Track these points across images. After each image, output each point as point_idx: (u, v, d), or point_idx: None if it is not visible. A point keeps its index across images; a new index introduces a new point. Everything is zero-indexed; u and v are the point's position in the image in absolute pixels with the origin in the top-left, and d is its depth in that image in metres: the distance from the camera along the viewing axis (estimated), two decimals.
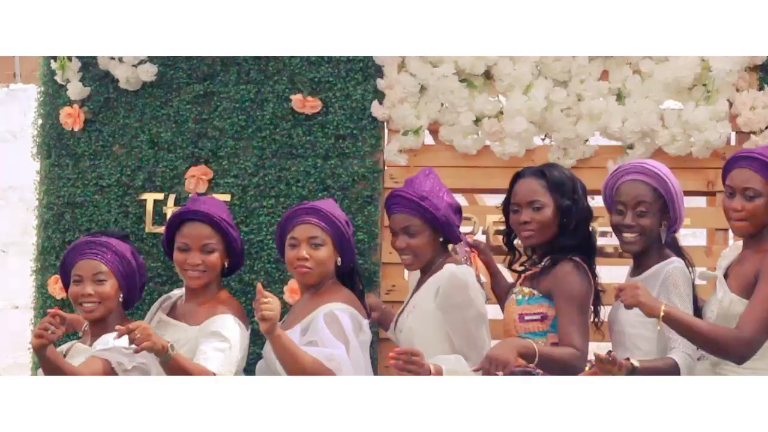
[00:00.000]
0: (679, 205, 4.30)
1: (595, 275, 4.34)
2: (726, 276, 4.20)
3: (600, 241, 4.77)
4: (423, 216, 4.41)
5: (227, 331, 4.29)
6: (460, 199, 5.96)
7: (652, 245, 4.28)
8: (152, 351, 4.04)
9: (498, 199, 6.08)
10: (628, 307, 3.99)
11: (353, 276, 4.51)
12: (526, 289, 4.30)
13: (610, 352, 3.99)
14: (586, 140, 5.15)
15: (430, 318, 4.30)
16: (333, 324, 4.27)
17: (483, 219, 5.16)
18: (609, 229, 4.49)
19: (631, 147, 5.10)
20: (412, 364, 3.99)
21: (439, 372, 4.01)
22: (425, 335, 4.31)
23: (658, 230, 4.27)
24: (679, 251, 4.36)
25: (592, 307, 4.33)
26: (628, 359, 3.92)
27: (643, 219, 4.24)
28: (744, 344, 3.96)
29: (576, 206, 4.32)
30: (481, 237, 5.12)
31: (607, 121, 5.07)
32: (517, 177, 4.42)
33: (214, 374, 4.18)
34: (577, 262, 4.25)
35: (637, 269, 4.32)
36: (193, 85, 5.27)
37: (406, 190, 4.48)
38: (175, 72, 5.29)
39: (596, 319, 4.39)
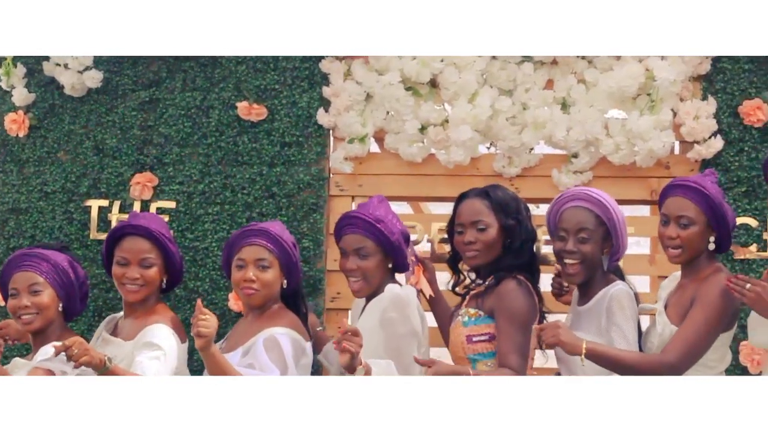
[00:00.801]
0: (622, 233, 4.28)
1: (539, 295, 4.33)
2: (666, 307, 4.22)
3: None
4: (377, 239, 4.39)
5: (160, 340, 4.28)
6: (405, 207, 5.99)
7: (595, 274, 4.27)
8: (90, 366, 4.03)
9: (443, 207, 6.10)
10: (549, 346, 3.99)
11: (297, 299, 4.51)
12: (472, 310, 4.27)
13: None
14: (531, 149, 5.17)
15: (374, 339, 4.26)
16: (273, 349, 4.25)
17: (428, 227, 5.18)
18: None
19: (575, 156, 5.12)
20: (349, 342, 3.97)
21: (368, 372, 4.00)
22: (367, 357, 4.30)
23: (600, 258, 4.26)
24: (623, 279, 4.34)
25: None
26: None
27: (584, 245, 4.23)
28: (669, 368, 3.98)
29: (520, 226, 4.31)
30: (426, 245, 5.14)
31: (551, 130, 5.09)
32: (461, 198, 4.41)
33: None
34: (521, 280, 4.23)
35: (583, 299, 4.31)
36: (139, 92, 5.26)
37: (360, 211, 4.46)
38: (121, 78, 5.28)
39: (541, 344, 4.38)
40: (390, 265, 4.44)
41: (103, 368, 4.04)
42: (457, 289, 4.45)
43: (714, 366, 4.11)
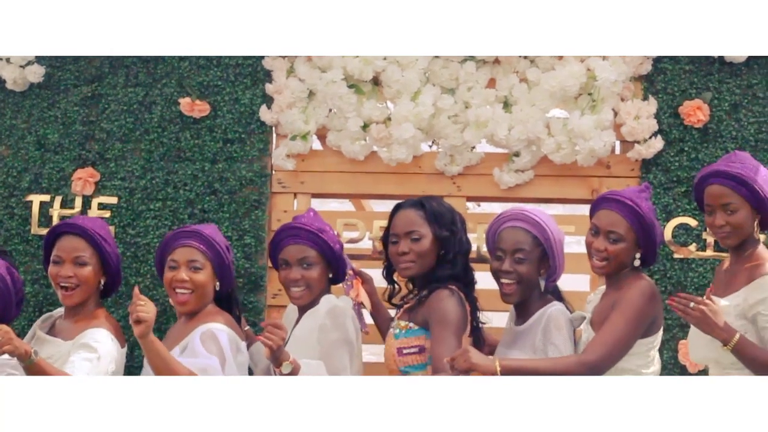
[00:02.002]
0: (559, 253, 4.30)
1: (474, 305, 4.33)
2: (592, 321, 4.25)
3: None
4: (320, 249, 4.41)
5: (96, 343, 4.27)
6: (347, 205, 6.00)
7: (532, 294, 4.29)
8: (14, 355, 4.00)
9: (385, 205, 6.12)
10: (463, 372, 3.97)
11: (231, 301, 4.52)
12: (403, 323, 4.28)
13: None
14: (473, 147, 5.19)
15: (308, 347, 4.25)
16: (210, 340, 4.26)
17: (370, 224, 5.18)
18: None
19: (517, 154, 5.15)
20: (270, 334, 3.98)
21: (296, 369, 4.01)
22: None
23: (537, 278, 4.28)
24: (561, 300, 4.37)
25: (471, 338, 4.31)
26: None
27: (520, 266, 4.25)
28: (588, 368, 4.00)
29: (454, 238, 4.31)
30: (367, 242, 5.15)
31: (493, 129, 5.11)
32: (396, 209, 4.41)
33: None
34: (453, 290, 4.24)
35: (520, 318, 4.32)
36: (81, 87, 5.24)
37: (302, 222, 4.47)
38: (63, 73, 5.26)
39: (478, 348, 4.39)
40: (330, 275, 4.46)
41: (27, 360, 4.01)
42: (393, 299, 4.46)
43: (642, 372, 4.14)
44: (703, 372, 4.44)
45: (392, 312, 4.55)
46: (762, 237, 4.18)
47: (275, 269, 4.58)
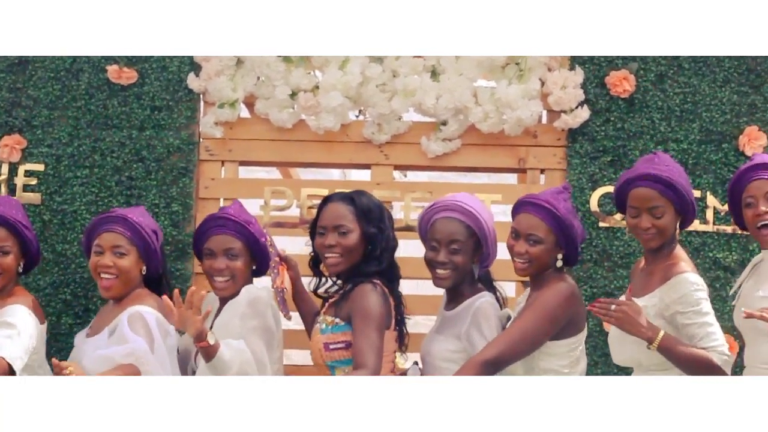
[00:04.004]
0: (492, 242, 4.33)
1: (398, 300, 4.35)
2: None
3: None
4: (246, 240, 4.43)
5: (14, 318, 4.29)
6: (275, 173, 6.01)
7: (464, 280, 4.32)
8: None
9: (313, 173, 6.16)
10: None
11: (161, 284, 4.54)
12: (329, 318, 4.28)
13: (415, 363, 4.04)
14: (401, 116, 5.20)
15: (231, 337, 4.22)
16: (137, 322, 4.29)
17: (297, 192, 5.18)
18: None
19: (444, 123, 5.17)
20: (190, 309, 4.02)
21: (216, 348, 4.03)
22: None
23: (471, 266, 4.32)
24: (491, 285, 4.41)
25: (396, 332, 4.33)
26: None
27: (455, 256, 4.28)
28: (477, 366, 4.03)
29: (381, 234, 4.32)
30: (295, 210, 5.16)
31: (421, 98, 5.13)
32: (326, 201, 4.41)
33: (4, 359, 4.18)
34: (376, 284, 4.25)
35: (450, 304, 4.36)
36: (7, 54, 5.20)
37: (229, 213, 4.48)
38: None
39: (401, 347, 4.41)
40: (254, 267, 4.49)
41: None
42: (319, 291, 4.46)
43: (566, 372, 4.18)
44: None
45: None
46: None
47: (199, 260, 4.59)
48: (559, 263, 4.23)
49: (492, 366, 4.04)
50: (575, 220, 4.24)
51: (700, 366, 4.00)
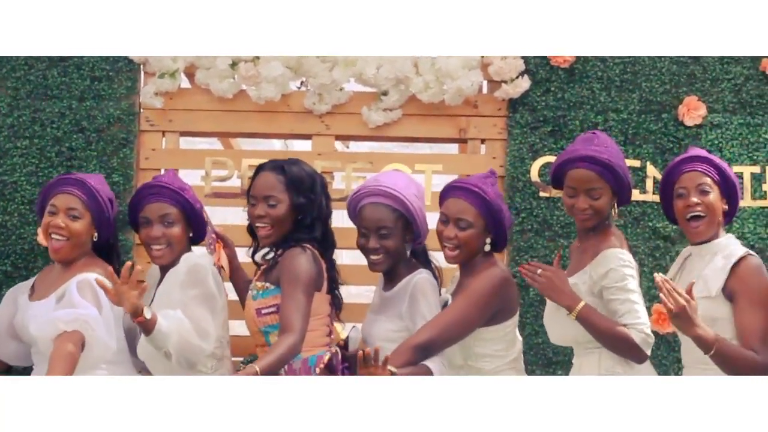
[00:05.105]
0: (421, 220, 4.33)
1: (331, 264, 4.37)
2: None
3: None
4: (182, 206, 4.44)
5: None
6: (216, 143, 6.00)
7: (399, 261, 4.33)
8: None
9: (253, 144, 6.15)
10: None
11: (111, 254, 4.54)
12: (260, 284, 4.30)
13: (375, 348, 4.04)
14: (342, 87, 5.20)
15: (172, 306, 4.24)
16: (86, 288, 4.30)
17: (238, 163, 5.19)
18: None
19: (385, 93, 5.18)
20: (125, 285, 4.03)
21: (153, 321, 4.04)
22: None
23: (404, 246, 4.32)
24: (428, 261, 4.43)
25: (329, 296, 4.36)
26: (387, 362, 3.95)
27: (386, 241, 4.28)
28: (410, 350, 4.07)
29: (312, 204, 4.33)
30: (236, 181, 5.17)
31: (362, 68, 5.13)
32: (259, 169, 4.41)
33: None
34: (305, 247, 4.26)
35: (388, 284, 4.37)
36: None
37: (164, 180, 4.48)
38: None
39: (338, 312, 4.45)
40: (191, 234, 4.49)
41: None
42: (256, 257, 4.46)
43: (503, 355, 4.23)
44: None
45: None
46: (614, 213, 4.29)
47: (135, 231, 4.59)
48: (488, 247, 4.26)
49: (424, 350, 4.08)
50: (503, 204, 4.28)
51: (617, 341, 4.04)
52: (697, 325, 3.82)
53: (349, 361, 4.29)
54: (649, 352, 4.06)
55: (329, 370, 4.20)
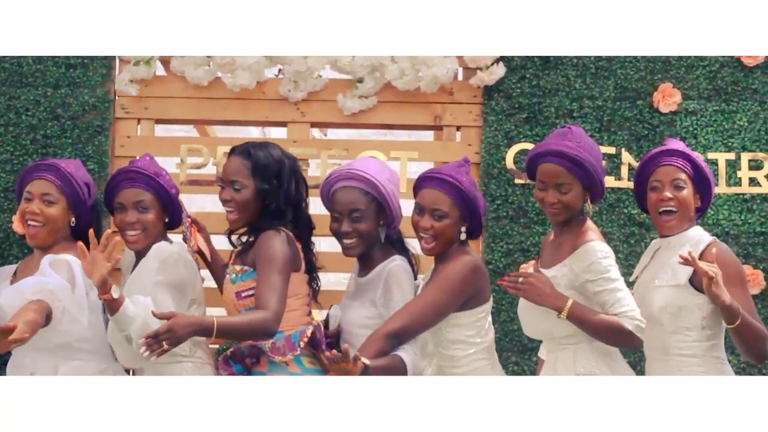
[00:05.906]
0: (395, 204, 4.34)
1: (307, 246, 4.38)
2: None
3: None
4: (157, 192, 4.42)
5: None
6: (191, 131, 6.00)
7: (373, 246, 4.34)
8: None
9: (229, 131, 6.14)
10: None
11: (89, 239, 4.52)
12: (238, 267, 4.31)
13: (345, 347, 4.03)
14: (317, 74, 5.19)
15: (142, 292, 4.23)
16: (60, 265, 4.30)
17: (214, 150, 5.19)
18: None
19: (360, 81, 5.18)
20: (102, 253, 4.04)
21: (120, 302, 4.04)
22: None
23: (377, 230, 4.33)
24: (403, 247, 4.43)
25: (307, 276, 4.37)
26: (358, 358, 3.94)
27: (359, 224, 4.28)
28: (382, 338, 4.06)
29: (278, 191, 4.31)
30: (211, 168, 5.16)
31: (337, 55, 5.12)
32: (230, 153, 4.42)
33: None
34: (280, 230, 4.27)
35: (363, 270, 4.38)
36: None
37: (138, 165, 4.46)
38: None
39: (315, 294, 4.46)
40: (166, 220, 4.48)
41: None
42: (232, 238, 4.46)
43: (475, 342, 4.22)
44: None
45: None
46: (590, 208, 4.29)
47: (111, 215, 4.58)
48: (463, 236, 4.27)
49: (396, 338, 4.08)
50: (478, 192, 4.28)
51: (611, 332, 4.06)
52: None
53: (330, 338, 4.30)
54: (643, 338, 4.08)
55: (312, 344, 4.20)
